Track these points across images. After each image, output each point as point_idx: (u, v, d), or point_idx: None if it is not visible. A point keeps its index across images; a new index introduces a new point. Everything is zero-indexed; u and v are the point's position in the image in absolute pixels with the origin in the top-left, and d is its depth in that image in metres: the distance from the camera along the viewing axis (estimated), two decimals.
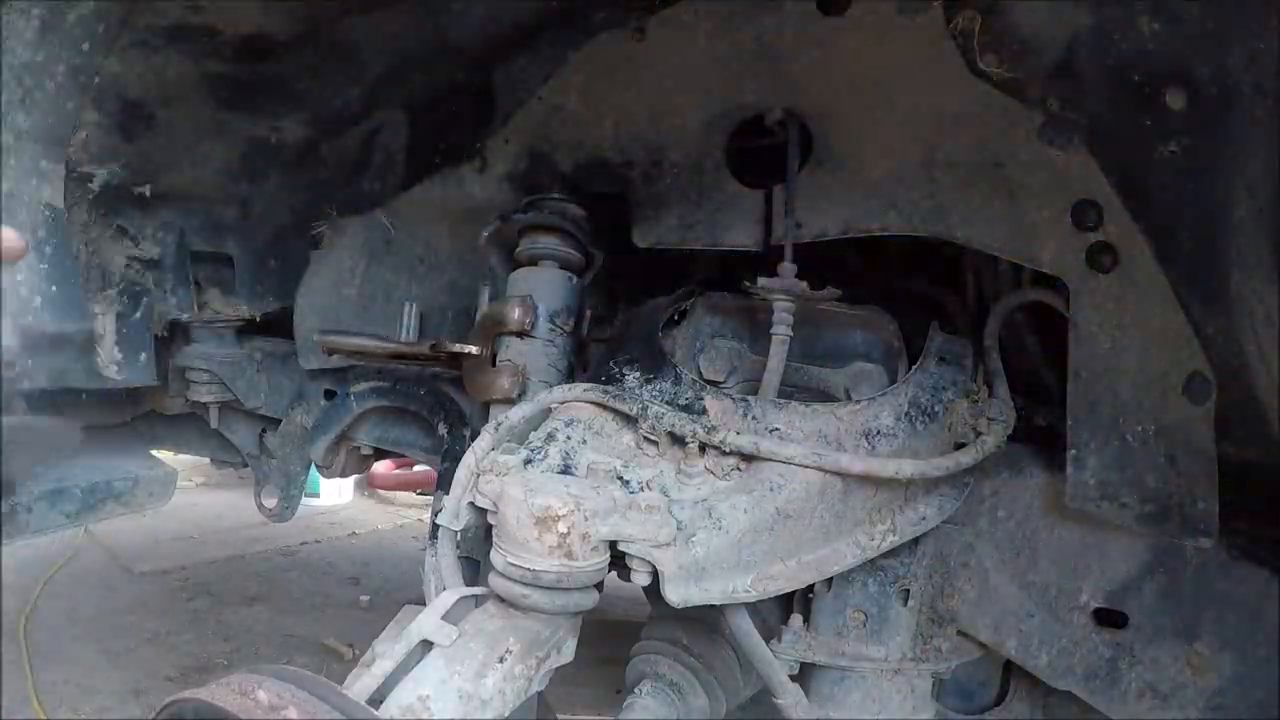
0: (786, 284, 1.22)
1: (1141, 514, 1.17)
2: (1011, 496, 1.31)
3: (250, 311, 1.87)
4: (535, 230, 1.36)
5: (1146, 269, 1.11)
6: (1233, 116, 1.03)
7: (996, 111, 1.15)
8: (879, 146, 1.24)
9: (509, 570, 0.93)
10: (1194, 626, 1.26)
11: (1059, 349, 1.22)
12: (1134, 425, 1.16)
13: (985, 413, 1.20)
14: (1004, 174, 1.17)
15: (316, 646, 3.14)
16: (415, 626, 0.90)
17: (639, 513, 0.97)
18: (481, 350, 1.37)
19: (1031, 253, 1.18)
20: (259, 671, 0.76)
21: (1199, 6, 1.01)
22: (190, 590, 3.59)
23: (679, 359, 1.34)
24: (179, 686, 2.63)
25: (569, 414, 1.16)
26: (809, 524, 1.10)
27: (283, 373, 1.95)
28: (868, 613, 1.28)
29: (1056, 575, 1.30)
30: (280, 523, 2.07)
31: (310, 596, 3.67)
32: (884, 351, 1.34)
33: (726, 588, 1.03)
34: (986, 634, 1.32)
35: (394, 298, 1.71)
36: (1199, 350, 1.12)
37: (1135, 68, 1.05)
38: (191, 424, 2.15)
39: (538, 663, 0.93)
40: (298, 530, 4.45)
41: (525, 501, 0.93)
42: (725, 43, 1.28)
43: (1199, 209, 1.06)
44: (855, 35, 1.21)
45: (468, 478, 1.08)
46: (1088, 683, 1.29)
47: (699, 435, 1.09)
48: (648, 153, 1.36)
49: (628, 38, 1.32)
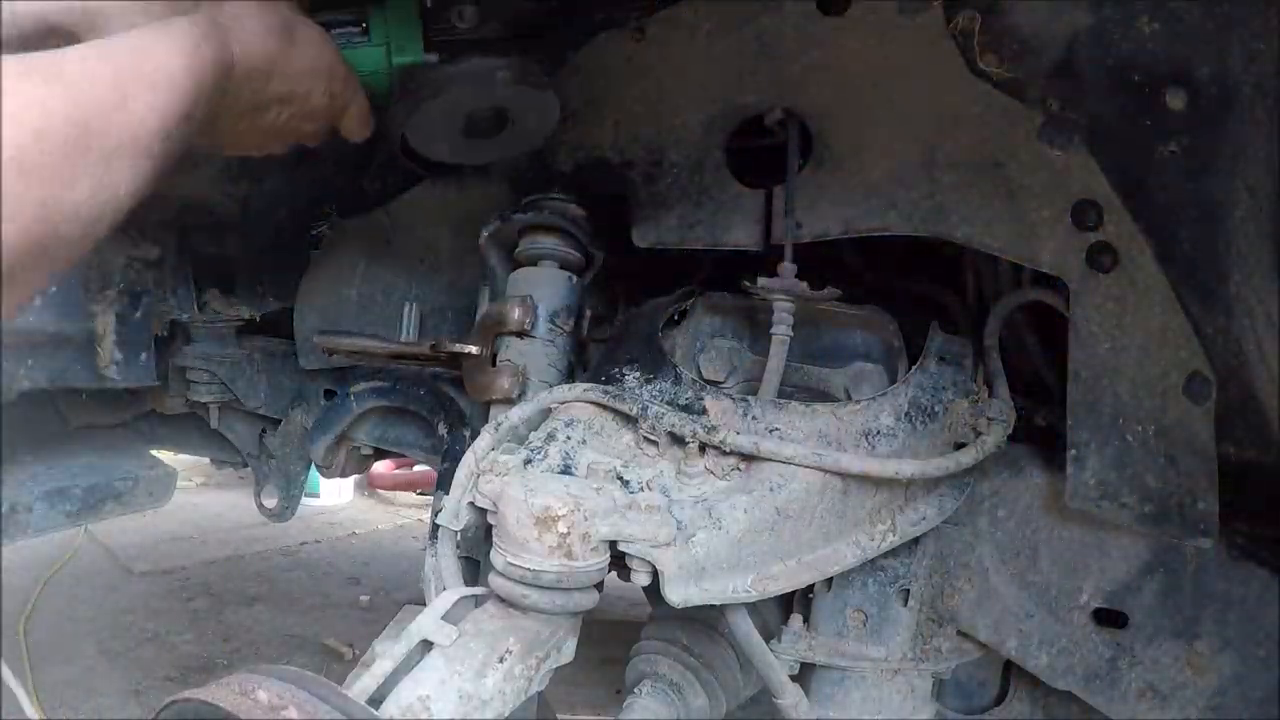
0: (786, 284, 1.22)
1: (1141, 514, 1.17)
2: (1011, 496, 1.31)
3: (250, 311, 1.87)
4: (535, 230, 1.37)
5: (1146, 269, 1.11)
6: (1233, 116, 1.03)
7: (996, 111, 1.15)
8: (879, 146, 1.24)
9: (509, 570, 0.94)
10: (1194, 626, 1.26)
11: (1059, 349, 1.22)
12: (1134, 425, 1.16)
13: (985, 413, 1.20)
14: (1004, 174, 1.17)
15: (316, 646, 3.14)
16: (415, 626, 0.90)
17: (639, 513, 0.97)
18: (481, 350, 1.37)
19: (1031, 253, 1.18)
20: (259, 671, 0.76)
21: (1199, 6, 1.01)
22: (190, 590, 3.59)
23: (679, 359, 1.34)
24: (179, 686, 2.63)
25: (569, 414, 1.16)
26: (809, 524, 1.10)
27: (283, 373, 1.95)
28: (868, 613, 1.28)
29: (1056, 575, 1.30)
30: (280, 523, 2.07)
31: (310, 596, 3.67)
32: (884, 351, 1.34)
33: (726, 588, 1.03)
34: (986, 634, 1.32)
35: (394, 298, 1.71)
36: (1199, 350, 1.12)
37: (1135, 68, 1.05)
38: (191, 424, 2.15)
39: (538, 663, 0.94)
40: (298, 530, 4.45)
41: (525, 501, 0.93)
42: (725, 43, 1.28)
43: (1199, 209, 1.06)
44: (855, 35, 1.21)
45: (468, 478, 1.08)
46: (1088, 683, 1.29)
47: (699, 435, 1.10)
48: (648, 153, 1.36)
49: (628, 38, 1.32)
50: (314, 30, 1.01)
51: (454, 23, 1.13)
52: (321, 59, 1.01)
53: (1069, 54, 1.09)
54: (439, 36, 1.13)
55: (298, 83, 0.98)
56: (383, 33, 1.12)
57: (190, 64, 0.77)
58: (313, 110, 1.03)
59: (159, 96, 0.72)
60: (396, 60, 1.12)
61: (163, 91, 0.73)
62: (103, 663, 2.84)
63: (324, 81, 1.02)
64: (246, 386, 1.93)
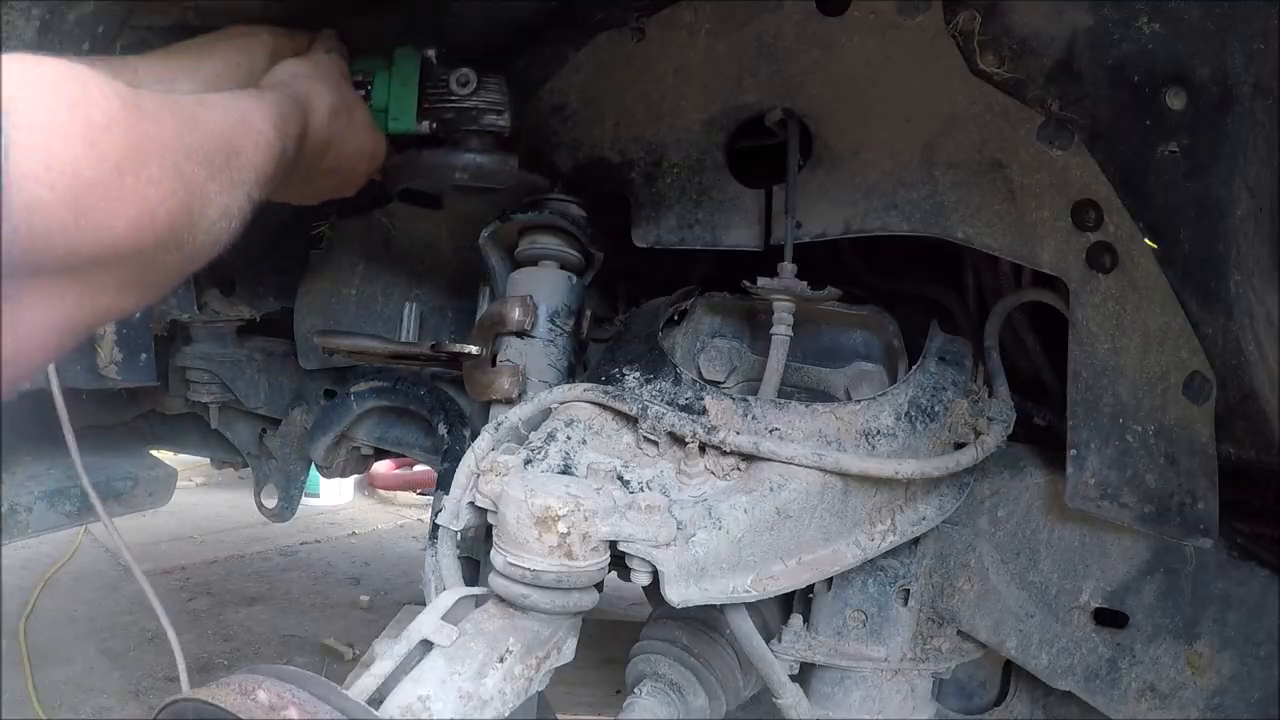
0: (786, 284, 1.22)
1: (1141, 514, 1.17)
2: (1011, 496, 1.31)
3: (250, 311, 1.87)
4: (535, 230, 1.37)
5: (1146, 269, 1.11)
6: (1233, 116, 1.03)
7: (996, 111, 1.15)
8: (879, 146, 1.24)
9: (509, 570, 0.93)
10: (1194, 626, 1.26)
11: (1059, 349, 1.22)
12: (1134, 425, 1.16)
13: (985, 413, 1.20)
14: (1004, 174, 1.17)
15: (316, 646, 3.14)
16: (415, 626, 0.90)
17: (639, 513, 0.97)
18: (482, 350, 1.37)
19: (1031, 253, 1.18)
20: (259, 671, 0.76)
21: (1199, 6, 1.02)
22: (190, 590, 3.60)
23: (679, 359, 1.34)
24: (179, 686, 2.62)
25: (569, 414, 1.16)
26: (809, 524, 1.10)
27: (283, 373, 1.95)
28: (868, 613, 1.28)
29: (1056, 575, 1.30)
30: (280, 523, 2.08)
31: (310, 596, 3.68)
32: (884, 351, 1.34)
33: (726, 588, 1.03)
34: (986, 634, 1.32)
35: (394, 298, 1.71)
36: (1199, 350, 1.12)
37: (1135, 68, 1.06)
38: (191, 424, 2.15)
39: (538, 663, 0.94)
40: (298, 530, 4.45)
41: (525, 501, 0.93)
42: (725, 43, 1.28)
43: (1199, 209, 1.06)
44: (855, 35, 1.21)
45: (468, 478, 1.08)
46: (1088, 683, 1.29)
47: (699, 435, 1.09)
48: (648, 153, 1.36)
49: (628, 38, 1.32)
50: (365, 114, 1.13)
51: (453, 88, 1.21)
52: (369, 143, 1.14)
53: (1069, 54, 1.09)
54: (435, 104, 1.21)
55: (347, 160, 1.11)
56: (384, 96, 1.19)
57: (280, 131, 0.89)
58: (353, 184, 1.17)
59: (259, 154, 0.84)
60: (391, 128, 1.19)
61: (261, 150, 0.84)
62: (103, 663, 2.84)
63: (368, 162, 1.15)
64: (246, 386, 1.92)
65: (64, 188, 0.57)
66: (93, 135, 0.60)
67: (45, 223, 0.57)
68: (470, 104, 1.22)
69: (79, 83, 0.60)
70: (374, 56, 1.20)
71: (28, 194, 0.55)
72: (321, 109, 1.01)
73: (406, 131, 1.20)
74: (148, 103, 0.67)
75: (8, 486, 1.78)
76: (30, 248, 0.57)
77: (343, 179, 1.14)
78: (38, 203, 0.56)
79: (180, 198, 0.69)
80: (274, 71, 1.03)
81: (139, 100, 0.65)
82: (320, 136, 1.01)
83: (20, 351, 0.63)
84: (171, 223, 0.68)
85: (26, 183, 0.55)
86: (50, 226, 0.57)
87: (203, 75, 1.00)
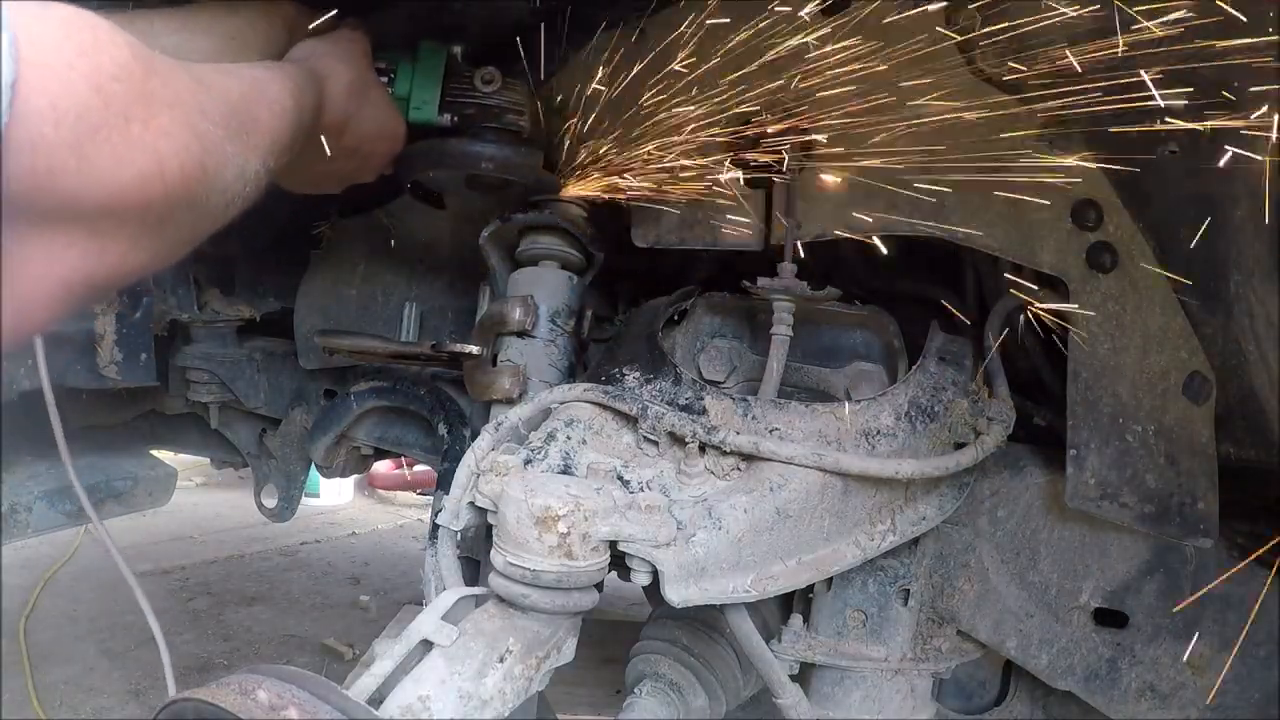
0: (786, 284, 1.22)
1: (1141, 514, 1.17)
2: (1011, 496, 1.31)
3: (250, 311, 1.87)
4: (535, 230, 1.37)
5: (1147, 269, 1.11)
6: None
7: (997, 111, 1.15)
8: (879, 147, 1.24)
9: (509, 570, 0.93)
10: (1194, 626, 1.26)
11: (1059, 349, 1.22)
12: (1134, 425, 1.16)
13: (985, 413, 1.20)
14: (1004, 174, 1.17)
15: (316, 646, 3.14)
16: (415, 626, 0.90)
17: (639, 513, 0.97)
18: (482, 350, 1.37)
19: (1031, 253, 1.18)
20: (259, 671, 0.76)
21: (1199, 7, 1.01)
22: (190, 590, 3.60)
23: (679, 359, 1.34)
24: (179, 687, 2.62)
25: (569, 414, 1.16)
26: (809, 524, 1.10)
27: (283, 373, 1.95)
28: (868, 613, 1.28)
29: (1056, 575, 1.30)
30: (280, 523, 2.08)
31: (310, 596, 3.68)
32: (884, 351, 1.34)
33: (726, 588, 1.03)
34: (986, 634, 1.32)
35: (394, 298, 1.71)
36: (1199, 350, 1.12)
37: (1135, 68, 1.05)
38: (191, 424, 2.15)
39: (538, 663, 0.94)
40: (298, 530, 4.45)
41: (525, 501, 0.93)
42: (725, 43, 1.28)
43: (1199, 209, 1.06)
44: (855, 35, 1.21)
45: (468, 478, 1.08)
46: (1088, 683, 1.29)
47: (699, 435, 1.09)
48: None
49: (628, 38, 1.32)
50: (383, 94, 1.14)
51: (476, 85, 1.22)
52: (389, 123, 1.14)
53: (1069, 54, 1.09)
54: (458, 98, 1.22)
55: (367, 140, 1.11)
56: (407, 85, 1.20)
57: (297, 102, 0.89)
58: (373, 166, 1.17)
59: (275, 120, 0.84)
60: (412, 117, 1.20)
61: (278, 117, 0.85)
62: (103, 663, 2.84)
63: (387, 143, 1.16)
64: (246, 386, 1.92)
65: (68, 129, 0.57)
66: (100, 81, 0.60)
67: (48, 162, 0.57)
68: (493, 101, 1.23)
69: (90, 30, 0.61)
70: (398, 51, 1.20)
71: (32, 130, 0.55)
72: (339, 84, 1.02)
73: (427, 121, 1.21)
74: (161, 62, 0.67)
75: (8, 486, 1.78)
76: (33, 184, 0.57)
77: (362, 160, 1.14)
78: (41, 140, 0.56)
79: (194, 153, 0.69)
80: (294, 50, 1.04)
81: (152, 56, 0.66)
82: (338, 112, 1.02)
83: (28, 300, 0.63)
84: (185, 177, 0.69)
85: (31, 119, 0.55)
86: (53, 166, 0.58)
87: (220, 31, 1.00)
